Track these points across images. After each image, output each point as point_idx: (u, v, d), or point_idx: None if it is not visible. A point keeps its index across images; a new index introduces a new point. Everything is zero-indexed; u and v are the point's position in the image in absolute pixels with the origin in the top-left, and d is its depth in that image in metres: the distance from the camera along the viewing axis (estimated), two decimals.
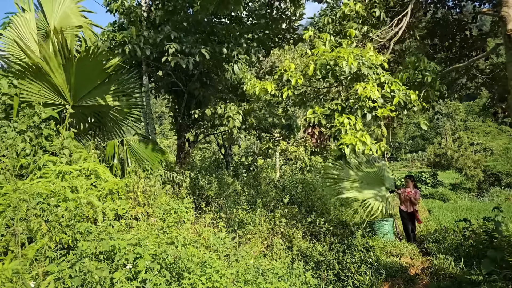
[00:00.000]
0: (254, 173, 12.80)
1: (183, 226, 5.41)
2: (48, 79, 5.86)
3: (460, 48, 9.05)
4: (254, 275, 4.35)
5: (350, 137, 4.57)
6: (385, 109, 4.74)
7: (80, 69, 6.03)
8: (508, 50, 4.65)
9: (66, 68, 5.92)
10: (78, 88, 6.21)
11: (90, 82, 6.33)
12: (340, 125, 4.75)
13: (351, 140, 4.55)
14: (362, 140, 4.58)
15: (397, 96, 4.83)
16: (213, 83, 9.25)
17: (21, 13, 6.95)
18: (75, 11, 7.84)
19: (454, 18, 8.95)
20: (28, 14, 6.93)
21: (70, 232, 3.85)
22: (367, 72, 4.96)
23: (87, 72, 6.15)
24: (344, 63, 4.84)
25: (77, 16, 7.81)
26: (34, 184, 4.27)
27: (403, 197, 8.29)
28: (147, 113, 8.57)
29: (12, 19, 6.81)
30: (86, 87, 6.33)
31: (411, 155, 76.37)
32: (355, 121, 4.75)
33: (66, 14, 7.58)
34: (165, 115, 72.29)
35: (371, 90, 4.71)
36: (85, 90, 6.32)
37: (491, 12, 5.73)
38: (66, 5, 7.63)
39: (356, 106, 4.81)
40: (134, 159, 6.64)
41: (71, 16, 7.63)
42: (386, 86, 4.92)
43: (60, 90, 6.07)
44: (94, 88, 6.43)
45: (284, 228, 6.90)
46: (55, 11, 7.44)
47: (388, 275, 5.73)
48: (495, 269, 4.65)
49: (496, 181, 32.07)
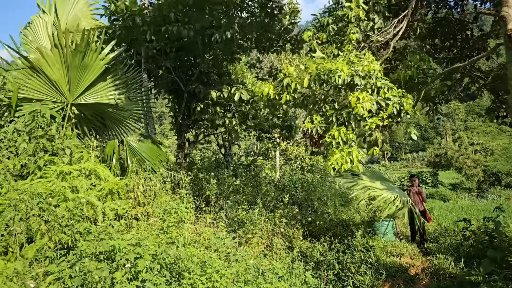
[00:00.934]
0: (254, 173, 12.79)
1: (183, 226, 5.40)
2: (46, 74, 5.86)
3: (461, 48, 9.04)
4: (254, 275, 4.34)
5: (337, 157, 4.71)
6: (376, 119, 4.83)
7: (77, 60, 6.01)
8: (508, 50, 4.65)
9: (63, 61, 5.91)
10: (76, 83, 6.20)
11: (88, 74, 6.31)
12: (331, 138, 4.84)
13: (337, 160, 4.69)
14: (347, 159, 4.72)
15: (391, 105, 4.90)
16: (213, 83, 9.25)
17: (41, 14, 7.00)
18: (87, 14, 7.88)
19: (455, 18, 8.93)
20: (47, 17, 6.97)
21: (70, 232, 3.84)
22: (360, 83, 5.03)
23: (84, 62, 6.13)
24: (337, 75, 4.91)
25: (87, 19, 7.85)
26: (34, 184, 4.27)
27: (412, 196, 8.30)
28: (147, 112, 8.57)
29: (32, 19, 6.89)
30: (85, 81, 6.31)
31: (411, 155, 76.37)
32: (346, 132, 4.85)
33: (77, 16, 7.62)
34: (165, 115, 72.24)
35: (364, 100, 4.79)
36: (83, 84, 6.31)
37: (492, 12, 5.72)
38: (78, 7, 7.67)
39: (350, 116, 4.90)
40: (135, 159, 6.63)
41: (81, 18, 7.67)
42: (382, 91, 4.98)
43: (58, 87, 6.06)
44: (93, 82, 6.42)
45: (284, 228, 6.90)
46: (66, 13, 7.49)
47: (388, 275, 5.73)
48: (495, 269, 4.65)
49: (496, 181, 32.09)
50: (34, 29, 6.78)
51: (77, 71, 6.09)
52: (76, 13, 7.60)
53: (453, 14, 8.98)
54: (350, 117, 4.88)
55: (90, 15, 7.93)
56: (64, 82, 6.07)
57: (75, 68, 6.03)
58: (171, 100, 9.85)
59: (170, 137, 47.07)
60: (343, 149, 4.75)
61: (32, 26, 6.80)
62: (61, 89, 6.12)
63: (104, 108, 6.88)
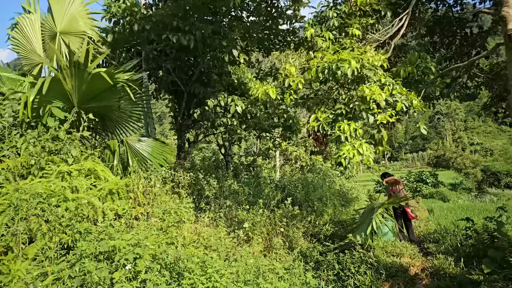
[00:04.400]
0: (254, 173, 12.80)
1: (183, 226, 5.40)
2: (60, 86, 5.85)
3: (460, 46, 9.06)
4: (254, 275, 4.34)
5: (348, 148, 4.60)
6: (385, 115, 4.75)
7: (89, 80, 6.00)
8: (508, 50, 4.65)
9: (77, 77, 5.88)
10: (85, 95, 6.20)
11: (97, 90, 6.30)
12: (340, 132, 4.75)
13: (348, 151, 4.57)
14: (359, 151, 4.61)
15: (399, 101, 4.83)
16: (213, 83, 9.25)
17: (26, 14, 6.97)
18: (83, 14, 7.83)
19: (454, 16, 8.95)
20: (33, 16, 6.94)
21: (70, 232, 3.84)
22: (369, 74, 4.94)
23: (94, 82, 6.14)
24: (347, 66, 4.83)
25: (84, 18, 7.80)
26: (34, 184, 4.27)
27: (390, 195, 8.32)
28: (147, 112, 8.57)
29: (18, 20, 6.85)
30: (93, 93, 6.31)
31: (411, 155, 76.41)
32: (356, 127, 4.75)
33: (73, 16, 7.56)
34: (165, 115, 72.27)
35: (376, 92, 4.70)
36: (91, 95, 6.32)
37: (492, 11, 5.72)
38: (74, 7, 7.62)
39: (361, 108, 4.80)
40: (136, 159, 6.63)
41: (78, 19, 7.61)
42: (386, 88, 4.92)
43: (68, 96, 6.07)
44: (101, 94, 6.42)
45: (284, 228, 6.90)
46: (63, 13, 7.45)
47: (388, 275, 5.73)
48: (495, 269, 4.65)
49: (496, 181, 32.11)
50: (22, 31, 6.75)
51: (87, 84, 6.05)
52: (72, 13, 7.55)
53: (453, 13, 9.00)
54: (362, 110, 4.77)
55: (86, 14, 7.89)
56: (73, 92, 6.06)
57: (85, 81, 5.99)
58: (171, 100, 9.85)
59: (170, 137, 47.05)
60: (353, 143, 4.63)
61: (19, 27, 6.78)
62: (70, 98, 6.11)
63: (105, 109, 6.88)
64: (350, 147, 4.59)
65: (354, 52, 5.13)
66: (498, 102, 8.77)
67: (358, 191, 13.98)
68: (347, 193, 12.27)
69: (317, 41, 5.57)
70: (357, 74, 4.94)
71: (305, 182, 11.49)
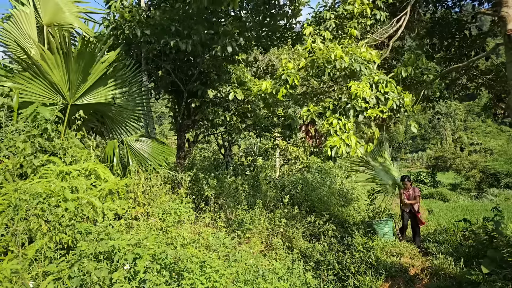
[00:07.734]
0: (253, 173, 12.79)
1: (182, 226, 5.40)
2: (46, 77, 5.83)
3: (459, 48, 9.07)
4: (254, 275, 4.34)
5: (334, 139, 4.53)
6: (375, 110, 4.69)
7: (78, 65, 5.96)
8: (508, 50, 4.65)
9: (64, 65, 5.88)
10: (76, 86, 6.17)
11: (88, 78, 6.27)
12: (329, 126, 4.71)
13: (335, 142, 4.51)
14: (346, 142, 4.53)
15: (391, 99, 4.77)
16: (213, 83, 9.24)
17: (20, 6, 6.77)
18: (68, 2, 7.68)
19: (453, 18, 8.96)
20: (28, 9, 6.81)
21: (70, 232, 3.84)
22: (359, 68, 4.91)
23: (85, 68, 6.08)
24: (333, 55, 4.83)
25: (70, 6, 7.63)
26: (34, 184, 4.27)
27: (403, 198, 8.28)
28: (147, 112, 8.56)
29: (13, 13, 6.64)
30: (85, 84, 6.28)
31: (411, 155, 76.43)
32: (345, 122, 4.70)
33: (58, 6, 7.36)
34: (165, 115, 72.23)
35: (363, 89, 4.67)
36: (83, 87, 6.28)
37: (491, 12, 5.72)
38: None
39: (348, 105, 4.77)
40: (136, 159, 6.62)
41: (63, 8, 7.44)
42: (380, 86, 4.88)
43: (58, 88, 6.04)
44: (93, 85, 6.38)
45: (284, 228, 6.90)
46: (46, 3, 7.24)
47: (388, 275, 5.73)
48: (495, 269, 4.65)
49: (495, 181, 32.13)
50: (16, 24, 6.59)
51: (76, 70, 6.05)
52: (56, 2, 7.38)
53: (451, 14, 9.01)
54: (349, 107, 4.73)
55: (72, 3, 7.76)
56: (63, 83, 6.03)
57: (73, 68, 5.99)
58: (171, 100, 9.85)
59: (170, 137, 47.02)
60: (341, 135, 4.58)
61: (13, 20, 6.61)
62: (61, 91, 6.09)
63: (103, 108, 6.87)
64: (337, 138, 4.52)
65: (347, 49, 5.14)
66: (497, 103, 8.77)
67: (358, 191, 13.97)
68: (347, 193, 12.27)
69: (315, 39, 5.56)
70: (347, 67, 4.89)
71: (304, 182, 11.49)
